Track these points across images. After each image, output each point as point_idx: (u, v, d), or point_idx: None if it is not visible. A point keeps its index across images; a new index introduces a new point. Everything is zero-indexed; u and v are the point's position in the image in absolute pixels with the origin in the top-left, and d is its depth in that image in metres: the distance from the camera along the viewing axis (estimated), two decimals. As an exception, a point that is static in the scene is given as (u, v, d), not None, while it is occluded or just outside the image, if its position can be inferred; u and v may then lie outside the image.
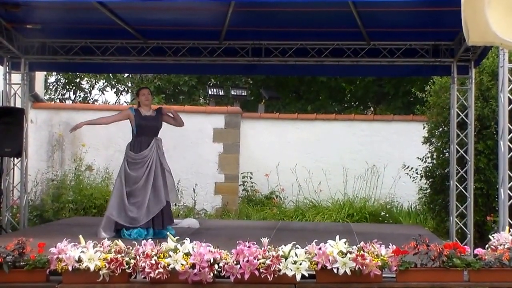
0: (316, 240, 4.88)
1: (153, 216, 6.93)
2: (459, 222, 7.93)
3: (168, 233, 4.99)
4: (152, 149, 7.01)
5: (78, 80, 15.59)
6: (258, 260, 4.71)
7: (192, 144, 11.01)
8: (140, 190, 6.94)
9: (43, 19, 7.56)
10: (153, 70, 11.37)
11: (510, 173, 6.23)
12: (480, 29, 4.23)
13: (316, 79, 14.21)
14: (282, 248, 4.81)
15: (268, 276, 4.68)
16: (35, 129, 10.68)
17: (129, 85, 16.14)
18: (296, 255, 4.76)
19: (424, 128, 9.20)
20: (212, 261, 4.70)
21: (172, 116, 7.28)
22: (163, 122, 7.26)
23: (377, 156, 10.88)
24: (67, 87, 15.55)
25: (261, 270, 4.69)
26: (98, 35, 8.13)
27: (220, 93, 12.68)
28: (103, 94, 16.27)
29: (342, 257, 4.72)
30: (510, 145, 6.26)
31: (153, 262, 4.69)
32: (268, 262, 4.69)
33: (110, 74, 15.33)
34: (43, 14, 7.36)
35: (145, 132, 7.07)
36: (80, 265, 4.71)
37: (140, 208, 6.89)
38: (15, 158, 8.44)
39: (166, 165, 7.10)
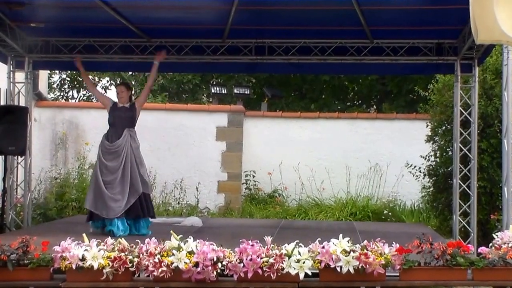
0: (319, 239, 4.89)
1: (130, 206, 7.02)
2: (462, 221, 7.92)
3: (171, 231, 4.99)
4: (125, 139, 7.12)
5: (81, 78, 15.59)
6: (261, 258, 4.72)
7: (195, 142, 11.02)
8: (119, 181, 7.03)
9: (47, 17, 7.57)
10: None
11: (513, 172, 6.22)
12: (489, 27, 4.24)
13: (319, 77, 14.20)
14: (285, 246, 4.81)
15: (272, 275, 4.69)
16: (38, 128, 10.70)
17: (133, 83, 16.15)
18: (299, 253, 4.77)
19: (427, 126, 9.19)
20: (215, 259, 4.71)
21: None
22: (138, 114, 7.34)
23: (380, 154, 10.87)
24: (71, 85, 15.57)
25: (264, 269, 4.70)
26: (102, 34, 8.14)
27: (223, 92, 12.67)
28: (106, 92, 16.29)
29: (345, 256, 4.72)
30: (513, 143, 6.25)
31: (156, 260, 4.71)
32: (271, 260, 4.70)
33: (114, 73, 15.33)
34: (47, 12, 7.37)
35: (117, 122, 7.22)
36: (83, 263, 4.73)
37: (120, 200, 6.97)
38: (19, 157, 8.46)
39: (140, 157, 7.20)
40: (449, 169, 8.56)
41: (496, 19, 4.18)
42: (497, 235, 5.28)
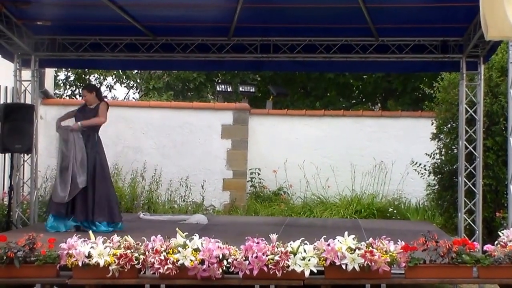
0: (324, 236, 4.90)
1: (78, 207, 7.32)
2: (467, 219, 7.91)
3: (177, 229, 5.00)
4: (80, 136, 7.44)
5: (87, 76, 15.65)
6: (266, 256, 4.73)
7: (200, 140, 11.04)
8: (66, 170, 7.34)
9: (53, 15, 7.60)
10: (162, 67, 11.40)
11: (519, 170, 6.21)
12: (499, 24, 4.23)
13: (324, 75, 14.20)
14: (290, 244, 4.83)
15: (277, 272, 4.71)
16: (44, 125, 10.72)
17: (138, 81, 16.19)
18: (304, 251, 4.78)
19: (432, 124, 9.18)
20: (221, 257, 4.73)
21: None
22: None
23: (385, 152, 10.86)
24: (76, 83, 15.62)
25: (269, 266, 4.71)
26: (108, 32, 8.16)
27: (229, 90, 12.70)
28: (110, 91, 16.35)
29: (350, 253, 4.73)
30: (519, 141, 6.24)
31: (162, 258, 4.73)
32: (277, 258, 4.72)
33: (120, 71, 15.38)
34: (53, 10, 7.40)
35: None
36: (90, 260, 4.75)
37: (66, 185, 7.31)
38: (25, 154, 8.49)
39: (92, 156, 7.42)
40: (454, 167, 8.56)
41: (506, 16, 4.16)
42: (502, 233, 5.28)
